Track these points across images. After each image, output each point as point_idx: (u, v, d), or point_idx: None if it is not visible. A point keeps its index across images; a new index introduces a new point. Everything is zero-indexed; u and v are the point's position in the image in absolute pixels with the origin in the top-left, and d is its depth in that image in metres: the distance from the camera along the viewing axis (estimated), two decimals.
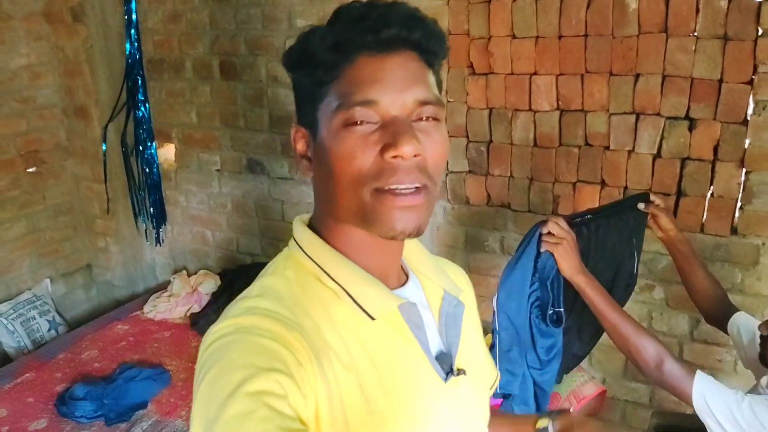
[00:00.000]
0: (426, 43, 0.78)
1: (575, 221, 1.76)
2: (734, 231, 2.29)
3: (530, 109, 2.53)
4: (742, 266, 2.28)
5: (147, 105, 3.49)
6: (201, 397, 0.68)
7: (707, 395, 1.50)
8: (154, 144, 3.56)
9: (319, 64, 0.77)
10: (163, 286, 3.55)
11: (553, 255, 1.68)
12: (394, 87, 0.75)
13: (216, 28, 3.19)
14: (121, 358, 2.87)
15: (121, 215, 3.68)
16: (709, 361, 2.42)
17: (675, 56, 2.23)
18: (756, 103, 2.15)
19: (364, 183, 0.75)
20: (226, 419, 0.63)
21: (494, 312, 1.78)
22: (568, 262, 1.66)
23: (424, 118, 0.77)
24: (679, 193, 2.34)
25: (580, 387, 2.31)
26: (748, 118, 2.17)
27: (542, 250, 1.69)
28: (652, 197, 1.94)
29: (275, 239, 3.41)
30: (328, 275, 0.82)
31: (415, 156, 0.75)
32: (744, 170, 2.22)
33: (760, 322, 1.65)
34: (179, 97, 3.43)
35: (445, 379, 0.86)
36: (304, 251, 0.85)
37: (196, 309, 3.26)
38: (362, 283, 0.82)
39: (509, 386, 1.79)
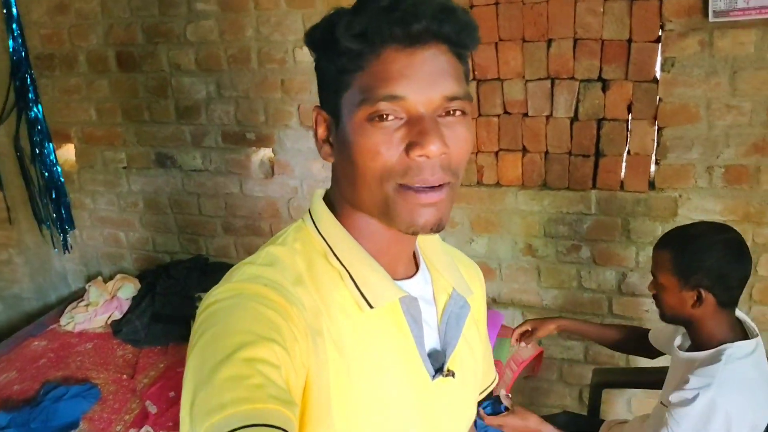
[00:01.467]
0: (456, 36, 0.75)
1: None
2: (652, 186, 2.37)
3: None
4: (662, 219, 2.37)
5: (39, 105, 3.24)
6: (195, 357, 0.67)
7: None
8: (51, 145, 3.32)
9: (344, 52, 0.74)
10: (78, 295, 3.34)
11: None
12: (422, 83, 0.73)
13: (109, 17, 2.98)
14: (43, 377, 2.67)
15: (23, 224, 3.42)
16: (638, 312, 2.52)
17: (584, 19, 2.26)
18: (664, 60, 2.21)
19: (388, 179, 0.75)
20: (219, 381, 0.62)
21: None
22: None
23: (451, 112, 0.75)
24: (598, 154, 2.40)
25: (519, 352, 2.36)
26: (658, 76, 2.24)
27: None
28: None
29: (194, 234, 3.27)
30: (335, 255, 0.82)
31: (440, 154, 0.74)
32: (657, 126, 2.29)
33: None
34: (75, 94, 3.20)
35: (433, 377, 0.86)
36: (316, 226, 0.85)
37: (118, 316, 3.09)
38: (367, 269, 0.82)
39: None
